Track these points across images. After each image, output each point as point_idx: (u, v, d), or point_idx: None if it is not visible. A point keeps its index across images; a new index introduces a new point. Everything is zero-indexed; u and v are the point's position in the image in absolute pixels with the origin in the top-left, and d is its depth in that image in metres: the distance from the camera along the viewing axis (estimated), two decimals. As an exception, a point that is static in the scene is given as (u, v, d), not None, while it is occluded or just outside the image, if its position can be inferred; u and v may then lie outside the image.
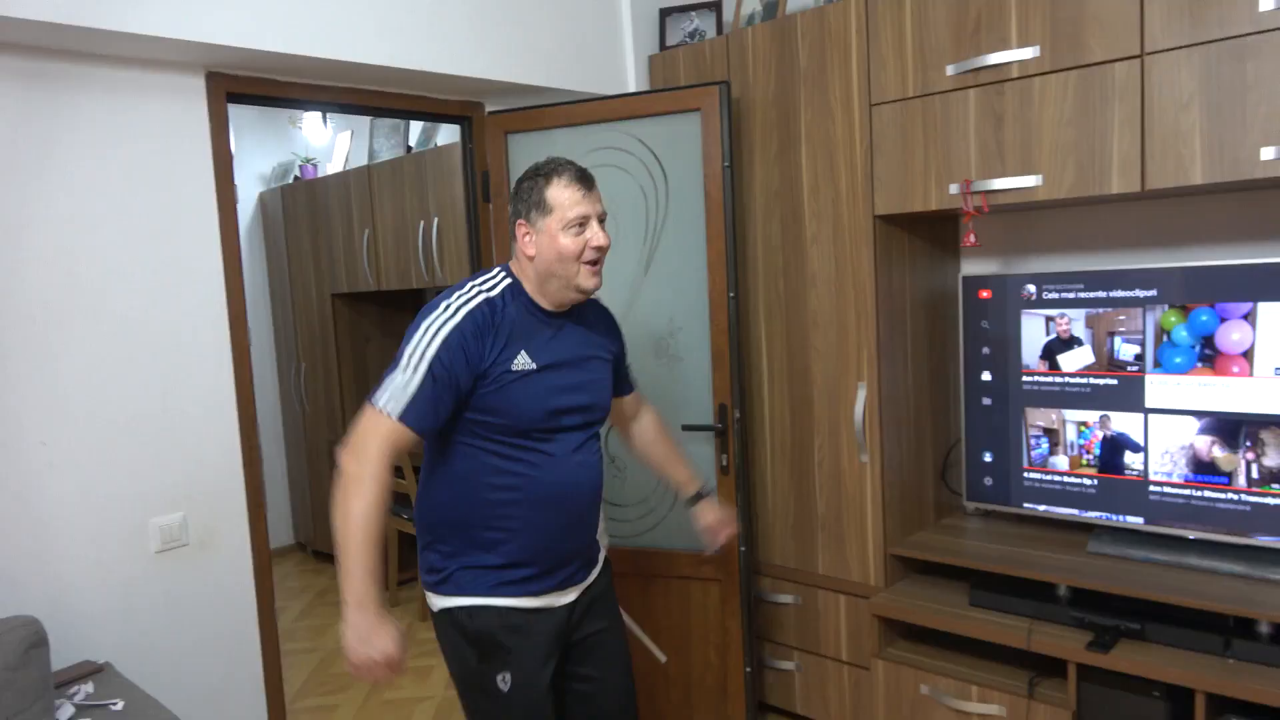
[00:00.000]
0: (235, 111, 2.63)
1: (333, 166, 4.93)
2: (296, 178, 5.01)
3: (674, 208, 2.72)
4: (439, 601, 1.81)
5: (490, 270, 1.84)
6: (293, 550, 5.28)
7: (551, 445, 1.77)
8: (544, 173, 1.76)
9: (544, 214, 1.74)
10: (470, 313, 1.70)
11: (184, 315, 2.29)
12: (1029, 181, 2.23)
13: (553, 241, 1.73)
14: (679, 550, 2.75)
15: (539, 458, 1.76)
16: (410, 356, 1.66)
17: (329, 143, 5.11)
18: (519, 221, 1.78)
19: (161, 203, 2.24)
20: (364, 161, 4.65)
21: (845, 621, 2.71)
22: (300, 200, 4.86)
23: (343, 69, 2.41)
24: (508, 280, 1.80)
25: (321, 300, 4.80)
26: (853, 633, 2.69)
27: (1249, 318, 2.14)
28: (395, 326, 4.96)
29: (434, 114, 2.84)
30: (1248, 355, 2.15)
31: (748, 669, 2.72)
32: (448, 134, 4.21)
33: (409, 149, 4.44)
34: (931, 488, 2.79)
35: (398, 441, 1.65)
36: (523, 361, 1.73)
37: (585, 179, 1.77)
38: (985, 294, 2.56)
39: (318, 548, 5.06)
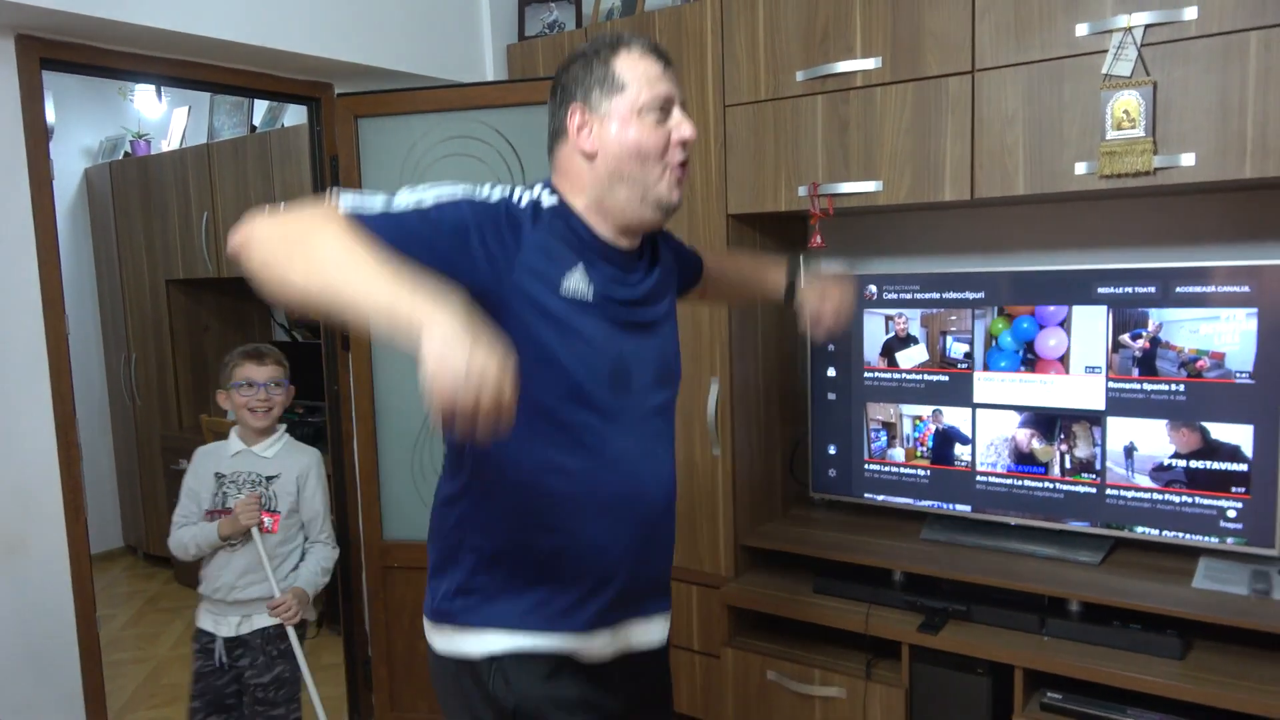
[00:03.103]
0: (57, 79, 2.42)
1: (168, 144, 4.62)
2: (127, 154, 4.67)
3: (531, 200, 2.69)
4: (458, 642, 1.32)
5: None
6: (122, 554, 4.93)
7: (616, 427, 1.31)
8: (608, 43, 1.31)
9: (610, 93, 1.27)
10: (507, 199, 1.25)
11: (-11, 300, 2.10)
12: (870, 186, 2.33)
13: (623, 130, 1.26)
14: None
15: (600, 442, 1.30)
16: (398, 195, 1.22)
17: (164, 117, 4.79)
18: (571, 106, 1.30)
19: (-37, 176, 2.04)
20: (203, 139, 4.37)
21: (697, 611, 2.76)
22: (131, 178, 4.53)
23: (175, 40, 2.26)
24: (553, 198, 1.31)
25: (155, 287, 4.50)
26: (704, 622, 2.75)
27: (1065, 322, 2.31)
28: (237, 316, 4.70)
29: (278, 93, 2.71)
30: (1063, 358, 2.32)
31: (601, 662, 2.73)
32: (296, 114, 4.02)
33: (253, 128, 4.21)
34: (780, 479, 2.88)
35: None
36: (577, 285, 1.25)
37: (663, 53, 1.33)
38: (831, 293, 2.66)
39: (150, 550, 4.75)
